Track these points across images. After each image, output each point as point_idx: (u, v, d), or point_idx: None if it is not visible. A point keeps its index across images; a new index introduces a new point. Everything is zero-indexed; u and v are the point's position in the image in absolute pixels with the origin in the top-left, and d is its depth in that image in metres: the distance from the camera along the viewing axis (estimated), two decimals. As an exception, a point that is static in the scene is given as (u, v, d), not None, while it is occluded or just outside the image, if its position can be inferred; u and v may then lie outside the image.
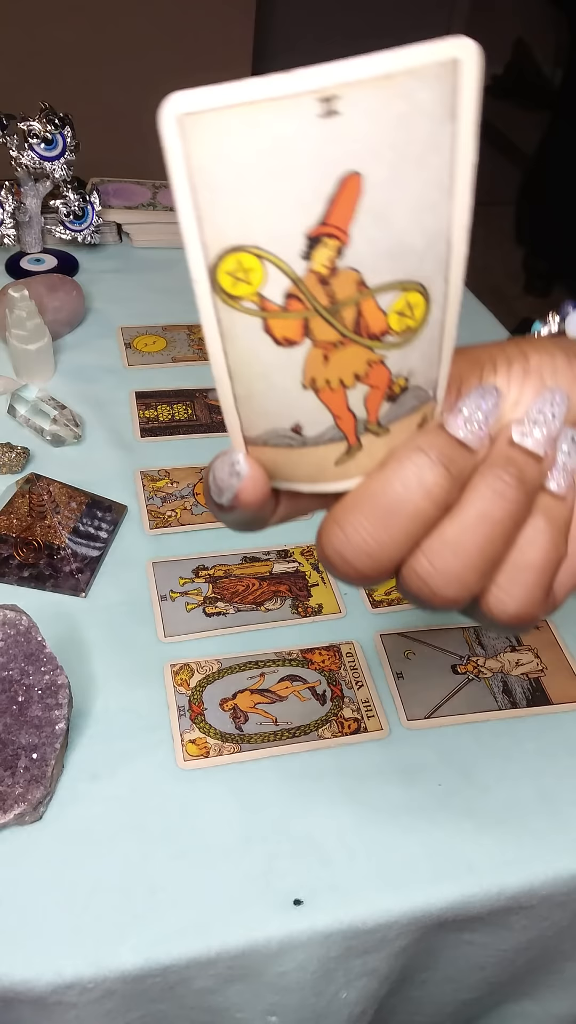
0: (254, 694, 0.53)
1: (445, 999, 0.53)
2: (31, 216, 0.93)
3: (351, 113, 0.19)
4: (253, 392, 0.23)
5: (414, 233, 0.22)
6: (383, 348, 0.23)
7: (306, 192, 0.20)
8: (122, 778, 0.48)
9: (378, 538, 0.25)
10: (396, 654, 0.57)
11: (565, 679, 0.56)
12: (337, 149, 0.19)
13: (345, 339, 0.22)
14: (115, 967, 0.41)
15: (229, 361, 0.23)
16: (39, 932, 0.41)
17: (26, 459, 0.68)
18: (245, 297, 0.21)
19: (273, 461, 0.25)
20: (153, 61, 2.33)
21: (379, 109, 0.19)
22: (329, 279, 0.21)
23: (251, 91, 0.19)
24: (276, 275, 0.21)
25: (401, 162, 0.20)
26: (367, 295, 0.22)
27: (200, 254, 0.21)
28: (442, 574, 0.25)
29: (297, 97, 0.19)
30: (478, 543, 0.25)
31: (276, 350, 0.22)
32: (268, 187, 0.20)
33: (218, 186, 0.20)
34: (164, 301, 0.93)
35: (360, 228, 0.21)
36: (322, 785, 0.49)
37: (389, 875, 0.45)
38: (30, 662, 0.48)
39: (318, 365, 0.23)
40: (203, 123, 0.19)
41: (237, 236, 0.21)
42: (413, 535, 0.25)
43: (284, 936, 0.43)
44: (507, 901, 0.46)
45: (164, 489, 0.68)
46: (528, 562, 0.26)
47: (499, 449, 0.26)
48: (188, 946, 0.42)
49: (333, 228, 0.20)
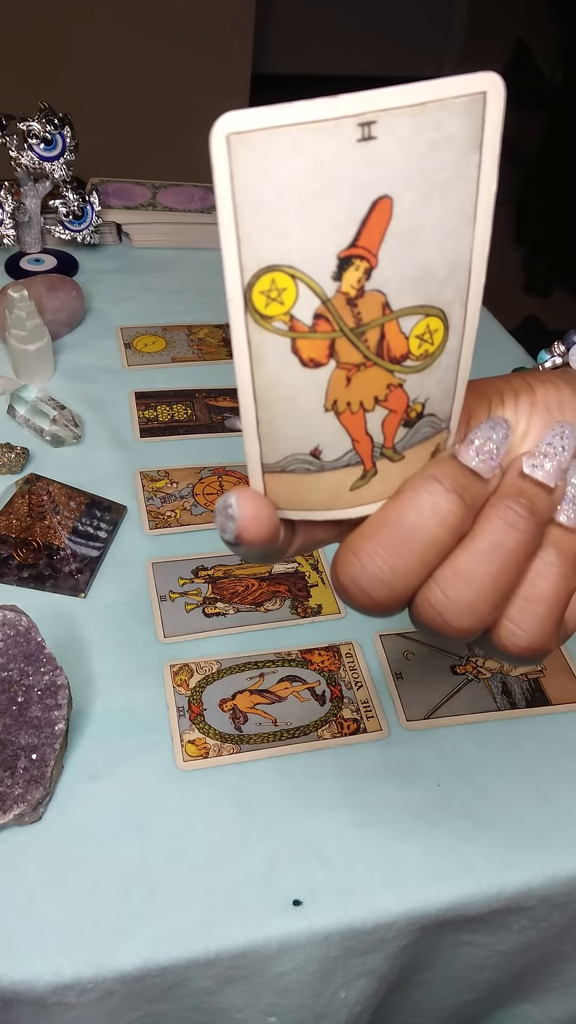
0: (253, 695, 0.53)
1: (444, 1000, 0.53)
2: (31, 216, 0.93)
3: (386, 138, 0.20)
4: (276, 416, 0.24)
5: (437, 259, 0.22)
6: (402, 372, 0.24)
7: (341, 214, 0.21)
8: (122, 778, 0.48)
9: (393, 566, 0.25)
10: (395, 655, 0.57)
11: (564, 680, 0.56)
12: (372, 173, 0.20)
13: (368, 361, 0.23)
14: (114, 967, 0.41)
15: (256, 384, 0.23)
16: (39, 932, 0.41)
17: (26, 459, 0.68)
18: (276, 317, 0.22)
19: (289, 488, 0.25)
20: (153, 61, 2.33)
21: (411, 136, 0.20)
22: (356, 300, 0.22)
23: (297, 113, 0.19)
24: (307, 295, 0.22)
25: (429, 189, 0.21)
26: (391, 318, 0.23)
27: (237, 273, 0.21)
28: (455, 604, 0.25)
29: (339, 120, 0.19)
30: (491, 573, 0.25)
31: (302, 371, 0.23)
32: (306, 207, 0.20)
33: (259, 205, 0.20)
34: (164, 301, 0.93)
35: (388, 251, 0.21)
36: (321, 786, 0.49)
37: (388, 875, 0.45)
38: (30, 662, 0.48)
39: (341, 387, 0.23)
40: (250, 142, 0.20)
41: (274, 255, 0.21)
42: (428, 563, 0.25)
43: (283, 936, 0.43)
44: (506, 902, 0.46)
45: (164, 489, 0.68)
46: (539, 594, 0.26)
47: (510, 480, 0.26)
48: (187, 946, 0.42)
49: (363, 250, 0.21)
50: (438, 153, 0.21)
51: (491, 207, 0.23)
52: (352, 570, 0.25)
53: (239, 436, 0.75)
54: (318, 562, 0.63)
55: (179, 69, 2.35)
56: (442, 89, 0.20)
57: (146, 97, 2.37)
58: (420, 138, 0.20)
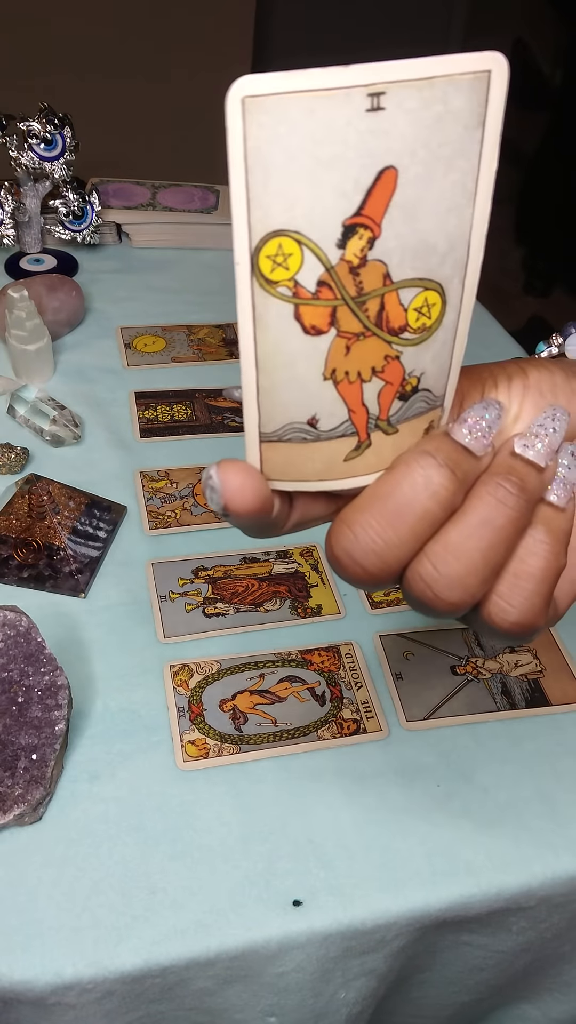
0: (253, 695, 0.53)
1: (444, 1000, 0.53)
2: (31, 216, 0.93)
3: (394, 110, 0.20)
4: (276, 383, 0.24)
5: (438, 233, 0.23)
6: (400, 344, 0.24)
7: (348, 182, 0.21)
8: (122, 779, 0.48)
9: (386, 538, 0.25)
10: (395, 655, 0.57)
11: (564, 680, 0.56)
12: (379, 143, 0.21)
13: (367, 331, 0.23)
14: (114, 968, 0.41)
15: (258, 351, 0.24)
16: (39, 932, 0.41)
17: (26, 460, 0.68)
18: (281, 283, 0.22)
19: (285, 458, 0.26)
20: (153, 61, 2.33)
21: (419, 109, 0.21)
22: (359, 269, 0.22)
23: (310, 80, 0.20)
24: (312, 262, 0.22)
25: (433, 162, 0.22)
26: (391, 288, 0.23)
27: (245, 235, 0.22)
28: (445, 578, 0.26)
29: (350, 89, 0.20)
30: (481, 548, 0.26)
31: (303, 338, 0.23)
32: (315, 174, 0.21)
33: (270, 168, 0.21)
34: (163, 301, 0.93)
35: (391, 221, 0.22)
36: (321, 786, 0.49)
37: (388, 876, 0.45)
38: (30, 663, 0.48)
39: (340, 356, 0.24)
40: (263, 106, 0.20)
41: (281, 220, 0.21)
42: (420, 536, 0.26)
43: (283, 937, 0.43)
44: (505, 902, 0.46)
45: (163, 490, 0.68)
46: (529, 571, 0.27)
47: (502, 459, 0.27)
48: (187, 947, 0.42)
49: (367, 219, 0.22)
50: (443, 128, 0.21)
51: (491, 185, 0.23)
52: (346, 541, 0.26)
53: (239, 436, 0.75)
54: (318, 562, 0.63)
55: (179, 69, 2.36)
56: (450, 65, 0.21)
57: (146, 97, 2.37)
58: (427, 112, 0.21)
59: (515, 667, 0.57)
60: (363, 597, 0.61)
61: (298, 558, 0.63)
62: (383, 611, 0.60)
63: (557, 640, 0.59)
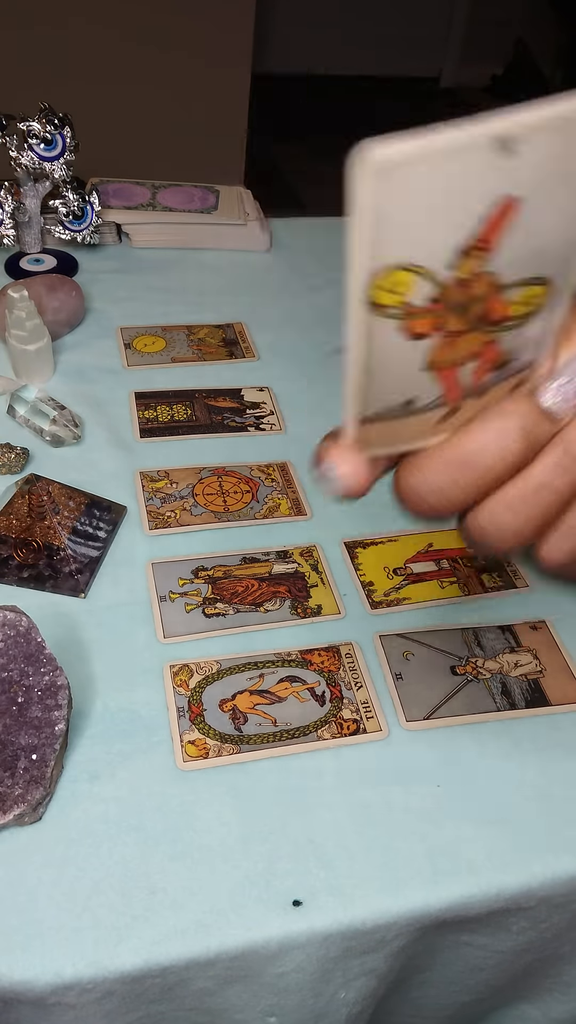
0: (253, 695, 0.53)
1: (444, 1001, 0.53)
2: (30, 216, 0.93)
3: (527, 154, 0.20)
4: (376, 380, 0.25)
5: (554, 241, 0.23)
6: (500, 331, 0.25)
7: (472, 219, 0.21)
8: (122, 779, 0.48)
9: (453, 479, 0.27)
10: (395, 655, 0.57)
11: (564, 680, 0.56)
12: (508, 182, 0.21)
13: (470, 329, 0.24)
14: (114, 968, 0.41)
15: (362, 355, 0.24)
16: (39, 932, 0.41)
17: (25, 460, 0.68)
18: (393, 306, 0.23)
19: (379, 431, 0.27)
20: (153, 61, 2.33)
21: (551, 147, 0.21)
22: (469, 282, 0.23)
23: (440, 141, 0.20)
24: (424, 285, 0.22)
25: (557, 186, 0.22)
26: (499, 292, 0.23)
27: (364, 276, 0.22)
28: (500, 530, 0.28)
29: (478, 144, 0.20)
30: (539, 506, 0.27)
31: (408, 343, 0.24)
32: (438, 219, 0.21)
33: (393, 221, 0.21)
34: (163, 301, 0.93)
35: (508, 241, 0.22)
36: (321, 786, 0.49)
37: (388, 876, 0.45)
38: (30, 663, 0.48)
39: (441, 351, 0.25)
40: (392, 175, 0.20)
41: (399, 258, 0.22)
42: (482, 487, 0.27)
43: (283, 937, 0.43)
44: (505, 902, 0.46)
45: (163, 490, 0.68)
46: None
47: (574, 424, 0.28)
48: (187, 947, 0.42)
49: (484, 243, 0.22)
50: (569, 157, 0.21)
51: None
52: (414, 480, 0.28)
53: (239, 436, 0.75)
54: (318, 562, 0.63)
55: (179, 69, 2.36)
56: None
57: (146, 97, 2.38)
58: (559, 148, 0.21)
59: (515, 667, 0.57)
60: (363, 598, 0.61)
61: (298, 558, 0.63)
62: (383, 611, 0.60)
63: (557, 640, 0.59)
